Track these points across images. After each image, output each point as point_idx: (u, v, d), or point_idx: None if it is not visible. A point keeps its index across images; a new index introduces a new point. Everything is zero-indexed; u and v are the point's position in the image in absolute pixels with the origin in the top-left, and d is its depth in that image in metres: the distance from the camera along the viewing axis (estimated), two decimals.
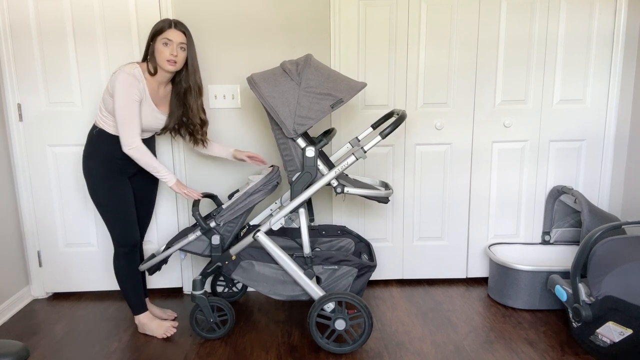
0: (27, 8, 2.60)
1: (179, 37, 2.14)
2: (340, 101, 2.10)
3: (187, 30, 2.19)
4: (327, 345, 2.23)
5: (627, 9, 2.72)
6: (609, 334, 2.03)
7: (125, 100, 2.07)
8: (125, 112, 2.08)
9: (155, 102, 2.23)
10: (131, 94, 2.08)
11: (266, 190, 2.31)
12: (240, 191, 2.42)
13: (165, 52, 2.12)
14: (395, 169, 2.89)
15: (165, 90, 2.28)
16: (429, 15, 2.72)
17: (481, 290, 2.91)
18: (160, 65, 2.15)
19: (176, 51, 2.14)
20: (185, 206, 2.84)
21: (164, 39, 2.12)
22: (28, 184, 2.78)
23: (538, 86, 2.82)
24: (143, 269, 2.39)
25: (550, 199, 2.90)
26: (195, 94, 2.28)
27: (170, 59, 2.13)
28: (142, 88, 2.14)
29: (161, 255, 2.35)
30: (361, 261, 2.25)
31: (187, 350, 2.29)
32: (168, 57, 2.13)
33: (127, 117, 2.08)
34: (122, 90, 2.07)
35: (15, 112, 2.70)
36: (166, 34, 2.12)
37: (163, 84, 2.25)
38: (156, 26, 2.16)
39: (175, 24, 2.15)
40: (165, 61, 2.13)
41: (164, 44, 2.12)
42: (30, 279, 2.89)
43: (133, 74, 2.10)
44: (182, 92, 2.26)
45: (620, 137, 2.85)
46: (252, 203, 2.30)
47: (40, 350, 2.32)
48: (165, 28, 2.13)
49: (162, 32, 2.13)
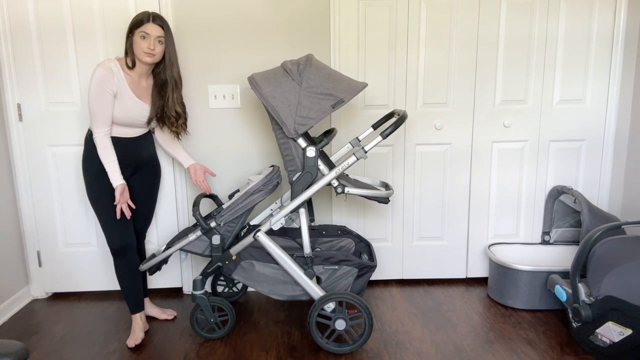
0: (27, 8, 2.60)
1: (157, 31, 2.17)
2: (341, 101, 2.10)
3: (166, 24, 2.22)
4: (327, 345, 2.23)
5: (626, 9, 2.73)
6: (608, 334, 2.03)
7: (97, 93, 2.12)
8: (94, 104, 2.13)
9: (138, 94, 2.25)
10: (104, 87, 2.12)
11: (266, 190, 2.31)
12: (241, 191, 2.42)
13: (143, 45, 2.16)
14: (395, 169, 2.89)
15: (147, 82, 2.30)
16: (429, 15, 2.72)
17: (481, 290, 2.91)
18: (138, 57, 2.19)
19: (153, 45, 2.17)
20: (185, 206, 2.84)
21: (141, 32, 2.15)
22: (28, 184, 2.78)
23: (538, 86, 2.82)
24: (143, 268, 2.39)
25: (550, 198, 2.90)
26: (172, 87, 2.30)
27: (147, 51, 2.16)
28: (118, 81, 2.17)
29: (161, 255, 2.35)
30: (361, 261, 2.26)
31: (187, 350, 2.29)
32: (145, 49, 2.16)
33: (95, 108, 2.13)
34: (95, 83, 2.12)
35: (15, 112, 2.69)
36: (144, 27, 2.15)
37: (144, 76, 2.27)
38: (135, 19, 2.18)
39: (153, 18, 2.17)
40: (143, 53, 2.17)
41: (141, 37, 2.16)
42: (30, 279, 2.89)
43: (109, 67, 2.15)
44: (160, 85, 2.30)
45: (620, 137, 2.85)
46: (252, 203, 2.30)
47: (40, 350, 2.32)
48: (143, 21, 2.16)
49: (140, 25, 2.16)
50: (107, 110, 2.15)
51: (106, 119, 2.16)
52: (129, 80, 2.21)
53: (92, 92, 2.12)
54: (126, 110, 2.21)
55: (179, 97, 2.34)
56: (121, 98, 2.19)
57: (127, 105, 2.21)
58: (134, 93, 2.22)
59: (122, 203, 2.20)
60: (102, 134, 2.16)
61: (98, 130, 2.16)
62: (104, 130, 2.16)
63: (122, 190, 2.19)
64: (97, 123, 2.15)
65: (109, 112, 2.16)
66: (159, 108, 2.31)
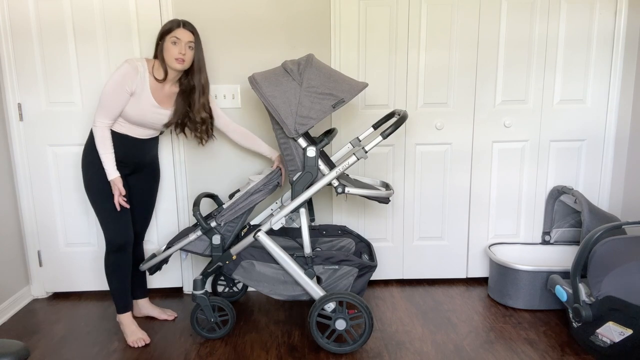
0: (27, 8, 2.60)
1: (188, 36, 2.19)
2: (342, 101, 2.10)
3: (195, 30, 2.24)
4: (328, 345, 2.23)
5: (627, 10, 2.73)
6: (609, 334, 2.03)
7: (115, 86, 2.13)
8: (108, 96, 2.14)
9: (158, 98, 2.25)
10: (123, 83, 2.13)
11: (267, 190, 2.31)
12: (241, 191, 2.42)
13: (174, 51, 2.17)
14: (396, 169, 2.89)
15: (171, 89, 2.30)
16: (429, 15, 2.72)
17: (481, 290, 2.91)
18: (169, 63, 2.19)
19: (184, 49, 2.18)
20: (185, 205, 2.84)
21: (172, 38, 2.17)
22: (28, 184, 2.78)
23: (538, 86, 2.82)
24: (143, 268, 2.39)
25: (550, 199, 2.90)
26: (199, 92, 2.31)
27: (179, 57, 2.17)
28: (141, 82, 2.18)
29: (162, 255, 2.35)
30: (362, 261, 2.26)
31: (187, 350, 2.29)
32: (176, 55, 2.17)
33: (107, 100, 2.14)
34: (117, 77, 2.13)
35: (15, 111, 2.69)
36: (175, 32, 2.17)
37: (170, 82, 2.27)
38: (165, 26, 2.20)
39: (184, 24, 2.19)
40: (174, 59, 2.18)
41: (172, 42, 2.17)
42: (31, 279, 2.89)
43: (135, 66, 2.16)
44: (188, 91, 2.30)
45: (621, 137, 2.85)
46: (252, 203, 2.30)
47: (40, 350, 2.32)
48: (174, 27, 2.18)
49: (170, 31, 2.18)
50: (118, 105, 2.16)
51: (113, 113, 2.16)
52: (152, 82, 2.21)
53: (110, 83, 2.13)
54: (139, 111, 2.21)
55: (205, 103, 2.35)
56: (138, 98, 2.19)
57: (142, 106, 2.21)
58: (154, 96, 2.23)
59: (119, 193, 2.20)
60: (102, 125, 2.16)
61: (100, 119, 2.16)
62: (106, 123, 2.17)
63: (119, 184, 2.19)
64: (102, 113, 2.16)
65: (119, 108, 2.17)
66: (182, 115, 2.32)
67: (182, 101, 2.31)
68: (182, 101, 2.31)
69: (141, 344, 2.33)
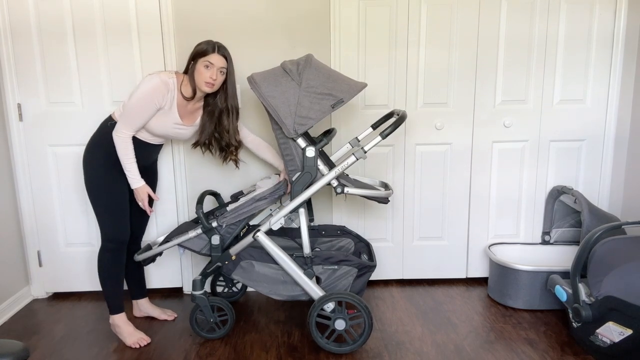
0: (27, 8, 2.60)
1: (221, 62, 2.19)
2: (341, 101, 2.10)
3: (229, 55, 2.24)
4: (327, 345, 2.23)
5: (627, 10, 2.73)
6: (609, 334, 2.03)
7: (144, 100, 2.13)
8: (136, 108, 2.13)
9: (181, 114, 2.26)
10: (153, 98, 2.13)
11: (272, 199, 2.32)
12: (245, 193, 2.42)
13: (206, 75, 2.17)
14: (396, 169, 2.89)
15: (194, 106, 2.31)
16: (429, 15, 2.72)
17: (481, 290, 2.91)
18: (199, 85, 2.20)
19: (216, 75, 2.18)
20: (185, 206, 2.84)
21: (205, 62, 2.16)
22: (28, 184, 2.78)
23: (538, 86, 2.82)
24: (138, 259, 2.36)
25: (550, 199, 2.90)
26: (232, 116, 2.33)
27: (209, 81, 2.18)
28: (170, 99, 2.19)
29: (159, 248, 2.34)
30: (361, 261, 2.26)
31: (187, 350, 2.29)
32: (207, 79, 2.17)
33: (134, 112, 2.14)
34: (147, 91, 2.13)
35: (15, 112, 2.70)
36: (209, 57, 2.16)
37: (196, 99, 2.28)
38: (199, 47, 2.19)
39: (218, 48, 2.19)
40: (204, 82, 2.18)
41: (205, 66, 2.17)
42: (30, 279, 2.89)
43: (167, 83, 2.16)
44: (218, 112, 2.31)
45: (620, 137, 2.85)
46: (256, 209, 2.30)
47: (40, 350, 2.32)
48: (208, 51, 2.17)
49: (204, 54, 2.17)
50: (144, 119, 2.17)
51: (137, 125, 2.17)
52: (179, 99, 2.22)
53: (139, 95, 2.12)
54: (163, 125, 2.23)
55: (237, 127, 2.38)
56: (164, 114, 2.21)
57: (167, 122, 2.23)
58: (178, 112, 2.24)
59: (145, 202, 2.24)
60: (125, 136, 2.16)
61: (125, 131, 2.16)
62: (129, 134, 2.17)
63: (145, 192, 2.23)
64: (127, 124, 2.15)
65: (144, 121, 2.18)
66: (210, 133, 2.34)
67: (209, 121, 2.32)
68: (209, 121, 2.32)
69: (143, 343, 2.33)
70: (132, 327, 2.38)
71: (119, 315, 2.36)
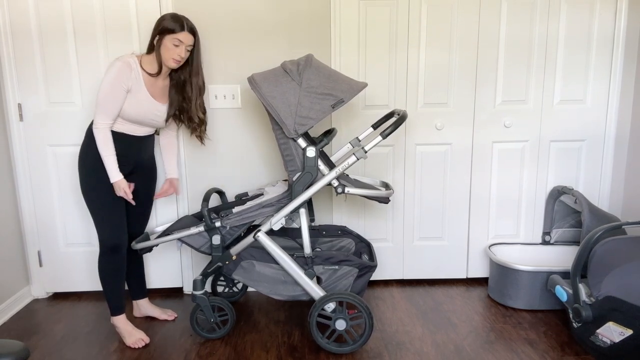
0: (27, 8, 2.60)
1: (189, 40, 2.19)
2: (341, 101, 2.10)
3: (197, 32, 2.24)
4: (328, 346, 2.23)
5: (627, 10, 2.73)
6: (609, 334, 2.03)
7: (111, 85, 2.12)
8: (105, 95, 2.13)
9: (153, 93, 2.26)
10: (119, 81, 2.13)
11: (277, 207, 2.30)
12: (250, 195, 2.42)
13: (173, 52, 2.17)
14: (396, 169, 2.89)
15: (164, 82, 2.31)
16: (429, 15, 2.72)
17: (481, 290, 2.91)
18: (165, 61, 2.20)
19: (184, 52, 2.19)
20: (185, 206, 2.84)
21: (175, 39, 2.16)
22: (28, 184, 2.78)
23: (538, 86, 2.82)
24: (136, 247, 2.34)
25: (550, 199, 2.90)
26: (195, 93, 2.33)
27: (177, 58, 2.18)
28: (135, 77, 2.18)
29: (158, 240, 2.32)
30: (362, 261, 2.26)
31: (187, 350, 2.29)
32: (175, 56, 2.17)
33: (105, 99, 2.13)
34: (111, 76, 2.13)
35: (15, 112, 2.69)
36: (178, 35, 2.16)
37: (162, 76, 2.28)
38: (167, 24, 2.16)
39: (188, 27, 2.18)
40: (171, 59, 2.18)
41: (174, 44, 2.16)
42: (31, 279, 2.89)
43: (128, 63, 2.16)
44: (181, 83, 2.32)
45: (621, 138, 2.85)
46: (261, 215, 2.29)
47: (40, 350, 2.32)
48: (177, 30, 2.15)
49: (174, 32, 2.15)
50: (116, 104, 2.15)
51: (112, 112, 2.16)
52: (145, 78, 2.22)
53: (106, 83, 2.12)
54: (138, 107, 2.21)
55: (201, 104, 2.38)
56: (135, 94, 2.19)
57: (141, 102, 2.21)
58: (149, 91, 2.23)
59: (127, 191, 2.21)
60: (103, 125, 2.15)
61: (101, 121, 2.15)
62: (107, 123, 2.16)
63: (124, 185, 2.20)
64: (101, 114, 2.15)
65: (118, 107, 2.16)
66: (178, 106, 2.34)
67: (176, 94, 2.33)
68: (176, 94, 2.33)
69: (141, 344, 2.33)
70: (131, 327, 2.37)
71: (119, 316, 2.37)
